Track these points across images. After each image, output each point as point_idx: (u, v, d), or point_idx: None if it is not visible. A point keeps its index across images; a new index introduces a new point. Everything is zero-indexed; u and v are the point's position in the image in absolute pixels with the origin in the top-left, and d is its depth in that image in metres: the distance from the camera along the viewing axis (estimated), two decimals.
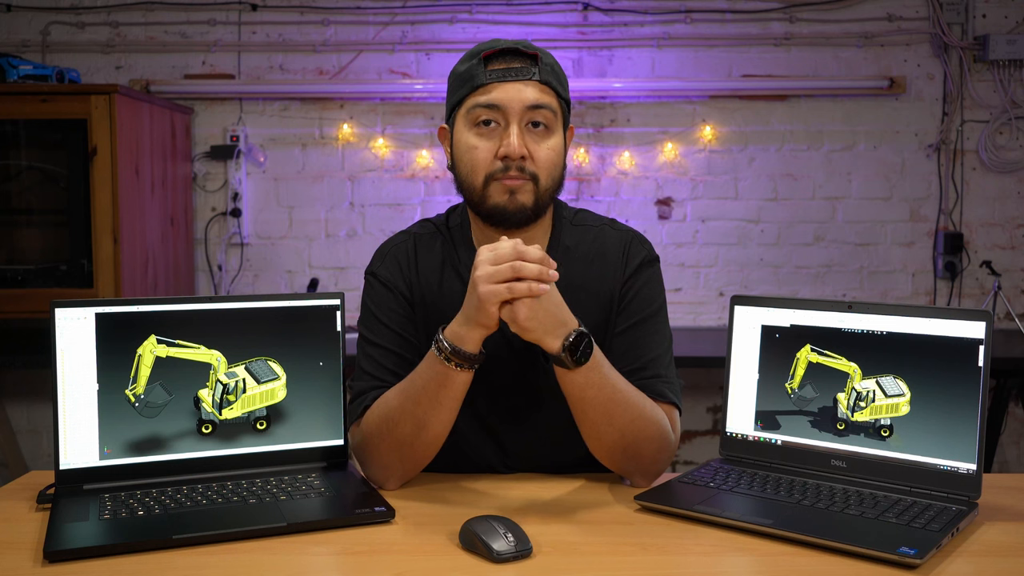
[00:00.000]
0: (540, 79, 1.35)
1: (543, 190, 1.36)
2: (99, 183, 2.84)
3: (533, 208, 1.36)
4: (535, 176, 1.35)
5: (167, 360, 1.32)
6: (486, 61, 1.35)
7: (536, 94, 1.34)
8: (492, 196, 1.35)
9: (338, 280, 3.50)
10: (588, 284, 1.43)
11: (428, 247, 1.48)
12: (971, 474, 1.22)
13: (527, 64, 1.35)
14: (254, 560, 1.08)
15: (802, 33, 3.43)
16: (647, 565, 1.07)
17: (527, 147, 1.34)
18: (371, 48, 3.45)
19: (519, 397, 1.44)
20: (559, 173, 1.39)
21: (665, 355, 1.43)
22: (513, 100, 1.33)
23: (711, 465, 1.38)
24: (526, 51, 1.36)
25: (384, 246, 1.51)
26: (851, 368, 1.32)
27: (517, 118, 1.34)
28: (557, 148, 1.38)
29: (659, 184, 3.47)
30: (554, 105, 1.37)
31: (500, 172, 1.34)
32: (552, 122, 1.36)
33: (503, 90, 1.34)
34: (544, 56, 1.38)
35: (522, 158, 1.33)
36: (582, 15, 3.44)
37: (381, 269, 1.47)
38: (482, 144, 1.35)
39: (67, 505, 1.21)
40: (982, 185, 3.45)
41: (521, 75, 1.34)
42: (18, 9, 3.43)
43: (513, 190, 1.34)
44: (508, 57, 1.35)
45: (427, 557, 1.09)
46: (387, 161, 3.47)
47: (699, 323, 3.49)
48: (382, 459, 1.34)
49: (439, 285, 1.45)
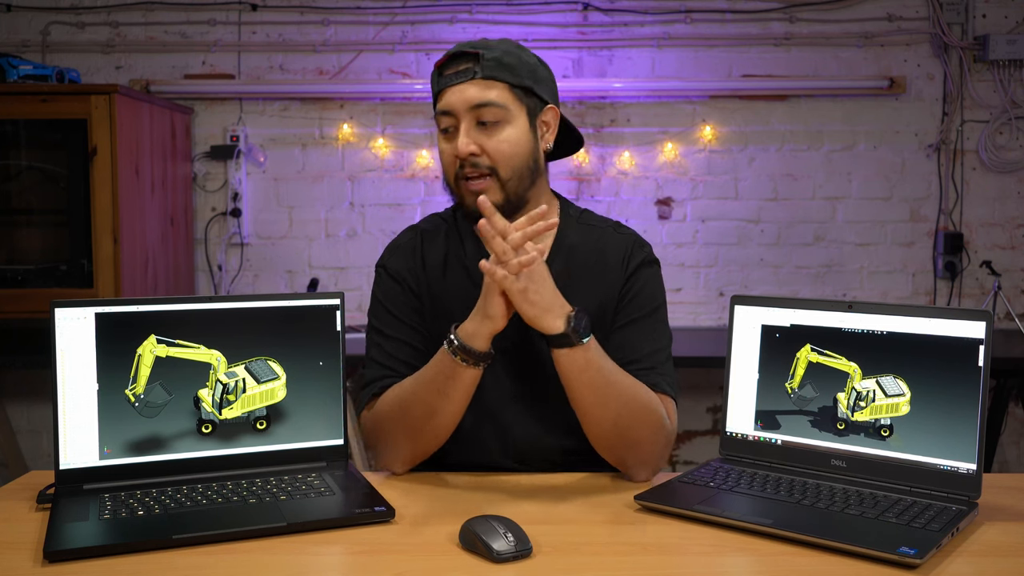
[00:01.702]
0: (483, 76, 1.39)
1: (506, 180, 1.41)
2: (99, 183, 2.84)
3: (504, 203, 1.40)
4: (493, 169, 1.40)
5: (167, 360, 1.32)
6: (440, 69, 1.43)
7: (478, 92, 1.39)
8: (464, 198, 1.42)
9: (338, 280, 3.50)
10: (588, 282, 1.46)
11: (432, 240, 1.53)
12: (971, 474, 1.22)
13: (470, 64, 1.40)
14: (254, 560, 1.08)
15: (802, 33, 3.43)
16: (647, 565, 1.07)
17: (479, 144, 1.39)
18: (371, 48, 3.45)
19: (526, 387, 1.46)
20: (520, 162, 1.41)
21: (662, 352, 1.45)
22: (458, 102, 1.39)
23: (711, 465, 1.38)
24: (470, 51, 1.40)
25: (393, 241, 1.57)
26: (851, 368, 1.32)
27: (466, 119, 1.39)
28: (512, 138, 1.40)
29: (659, 184, 3.47)
30: (502, 98, 1.39)
31: (460, 171, 1.41)
32: (501, 115, 1.39)
33: (450, 94, 1.40)
34: (489, 52, 1.40)
35: (473, 154, 1.39)
36: (582, 15, 3.44)
37: (390, 262, 1.53)
38: (446, 147, 1.43)
39: (67, 505, 1.21)
40: (982, 185, 3.45)
41: (463, 76, 1.39)
42: (18, 9, 3.43)
43: (477, 192, 1.39)
44: (456, 61, 1.41)
45: (427, 557, 1.09)
46: (387, 161, 3.47)
47: (699, 323, 3.49)
48: (394, 441, 1.40)
49: (443, 277, 1.49)
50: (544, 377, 1.43)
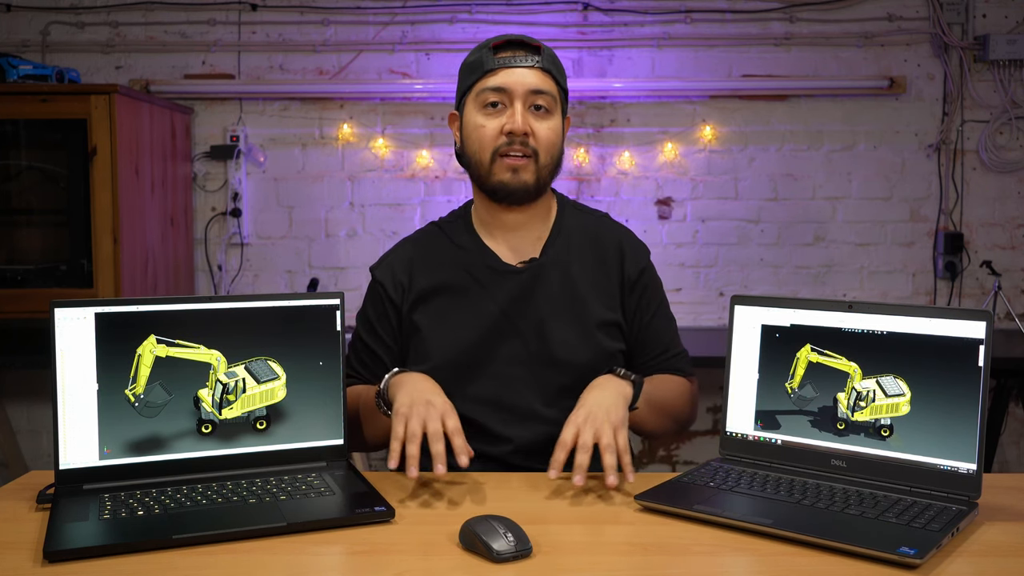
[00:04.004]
0: (542, 67, 1.51)
1: (542, 166, 1.51)
2: (99, 183, 2.84)
3: (535, 185, 1.51)
4: (536, 152, 1.50)
5: (167, 360, 1.32)
6: (495, 50, 1.51)
7: (538, 79, 1.50)
8: (497, 173, 1.50)
9: (338, 280, 3.50)
10: (585, 259, 1.59)
11: (420, 243, 1.63)
12: (971, 474, 1.22)
13: (531, 53, 1.51)
14: (254, 560, 1.08)
15: (802, 33, 3.43)
16: (647, 565, 1.07)
17: (530, 125, 1.49)
18: (371, 48, 3.45)
19: (534, 395, 1.52)
20: (557, 152, 1.55)
21: (676, 332, 1.67)
22: (517, 83, 1.49)
23: (711, 465, 1.38)
24: (530, 43, 1.52)
25: (387, 253, 1.66)
26: (851, 368, 1.32)
27: (521, 99, 1.49)
28: (556, 129, 1.53)
29: (659, 184, 3.47)
30: (554, 91, 1.52)
31: (505, 146, 1.49)
32: (552, 106, 1.52)
33: (509, 74, 1.49)
34: (546, 48, 1.54)
35: (525, 134, 1.48)
36: (582, 15, 3.44)
37: (377, 271, 1.63)
38: (489, 123, 1.50)
39: (67, 505, 1.21)
40: (982, 185, 3.45)
41: (525, 62, 1.50)
42: (18, 9, 3.43)
43: (516, 168, 1.49)
44: (514, 47, 1.52)
45: (427, 557, 1.09)
46: (387, 161, 3.47)
47: (699, 323, 3.49)
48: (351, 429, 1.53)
49: (431, 271, 1.58)
50: (555, 380, 1.51)
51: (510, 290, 1.54)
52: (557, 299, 1.54)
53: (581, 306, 1.55)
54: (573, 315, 1.54)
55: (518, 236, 1.58)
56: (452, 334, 1.53)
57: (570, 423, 1.33)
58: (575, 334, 1.53)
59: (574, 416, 1.34)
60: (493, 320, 1.53)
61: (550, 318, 1.53)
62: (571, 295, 1.55)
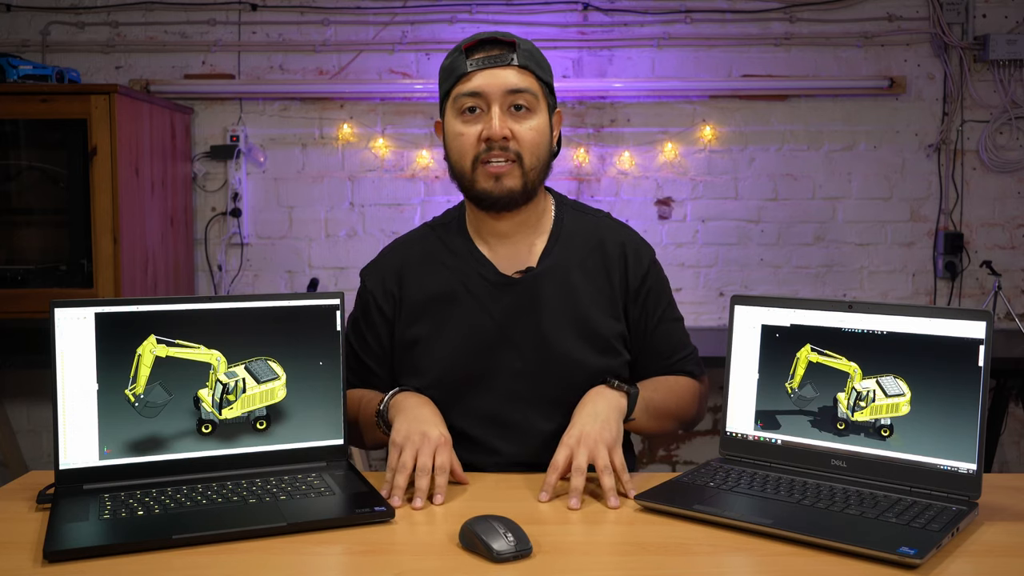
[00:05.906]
0: (518, 64, 1.42)
1: (528, 169, 1.43)
2: (99, 183, 2.84)
3: (521, 191, 1.44)
4: (520, 155, 1.42)
5: (167, 360, 1.32)
6: (467, 52, 1.43)
7: (515, 78, 1.42)
8: (479, 181, 1.43)
9: (338, 280, 3.50)
10: (586, 266, 1.52)
11: (411, 249, 1.58)
12: (971, 474, 1.22)
13: (505, 51, 1.42)
14: (254, 560, 1.08)
15: (802, 33, 3.43)
16: (647, 565, 1.07)
17: (509, 128, 1.41)
18: (371, 48, 3.45)
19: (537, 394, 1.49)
20: (543, 152, 1.46)
21: (684, 332, 1.63)
22: (492, 85, 1.41)
23: (711, 465, 1.38)
24: (504, 39, 1.43)
25: (377, 257, 1.63)
26: (851, 368, 1.32)
27: (498, 102, 1.41)
28: (540, 128, 1.44)
29: (659, 184, 3.47)
30: (534, 88, 1.43)
31: (485, 153, 1.41)
32: (534, 104, 1.43)
33: (483, 77, 1.41)
34: (522, 43, 1.45)
35: (504, 138, 1.41)
36: (582, 15, 3.44)
37: (367, 278, 1.60)
38: (467, 130, 1.43)
39: (67, 505, 1.21)
40: (982, 185, 3.45)
41: (499, 61, 1.41)
42: (18, 9, 3.43)
43: (499, 175, 1.42)
44: (487, 46, 1.43)
45: (427, 557, 1.09)
46: (387, 161, 3.47)
47: (699, 323, 3.49)
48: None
49: (422, 280, 1.53)
50: (555, 395, 1.47)
51: (506, 303, 1.48)
52: (556, 311, 1.48)
53: (582, 317, 1.48)
54: (573, 327, 1.48)
55: (512, 243, 1.51)
56: (447, 349, 1.48)
57: (563, 445, 1.31)
58: (576, 347, 1.47)
59: (566, 437, 1.32)
60: (489, 334, 1.47)
61: (549, 331, 1.47)
62: (571, 306, 1.48)
